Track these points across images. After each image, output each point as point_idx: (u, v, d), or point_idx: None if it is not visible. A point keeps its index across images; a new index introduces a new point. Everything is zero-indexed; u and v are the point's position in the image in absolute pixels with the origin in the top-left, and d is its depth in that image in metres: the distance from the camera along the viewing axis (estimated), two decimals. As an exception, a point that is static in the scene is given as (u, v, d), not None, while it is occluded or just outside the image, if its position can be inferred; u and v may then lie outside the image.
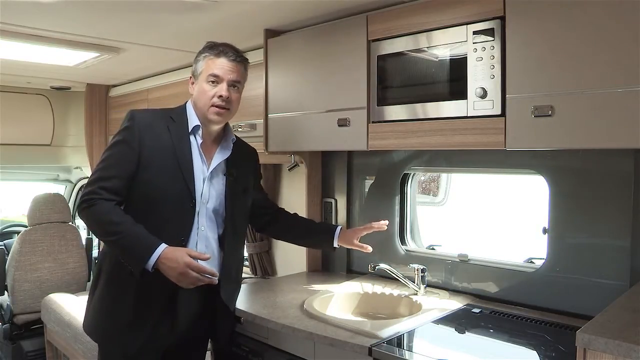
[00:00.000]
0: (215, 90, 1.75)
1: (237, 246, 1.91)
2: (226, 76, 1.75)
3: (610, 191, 1.75)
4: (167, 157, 1.71)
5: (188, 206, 1.72)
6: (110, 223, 1.64)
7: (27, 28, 2.26)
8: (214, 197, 1.79)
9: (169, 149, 1.72)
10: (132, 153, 1.69)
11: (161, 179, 1.70)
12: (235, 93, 1.79)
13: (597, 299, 1.71)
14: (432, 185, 3.63)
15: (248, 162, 1.96)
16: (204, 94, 1.75)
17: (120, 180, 1.68)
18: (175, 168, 1.71)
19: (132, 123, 1.71)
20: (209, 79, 1.75)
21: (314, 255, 2.61)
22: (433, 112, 1.76)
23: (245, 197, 1.91)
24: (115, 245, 1.66)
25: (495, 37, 1.59)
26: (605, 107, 1.38)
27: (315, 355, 1.77)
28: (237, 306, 1.97)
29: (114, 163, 1.70)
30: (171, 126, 1.75)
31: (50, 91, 3.97)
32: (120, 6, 1.98)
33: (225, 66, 1.75)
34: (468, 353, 1.63)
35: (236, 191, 1.85)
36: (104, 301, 1.77)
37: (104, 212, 1.64)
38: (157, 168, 1.70)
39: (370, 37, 1.93)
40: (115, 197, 1.67)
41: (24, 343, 3.44)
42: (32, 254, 3.49)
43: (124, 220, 1.64)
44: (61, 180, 4.57)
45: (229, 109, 1.77)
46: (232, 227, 1.83)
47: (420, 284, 2.11)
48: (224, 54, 1.76)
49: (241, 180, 1.88)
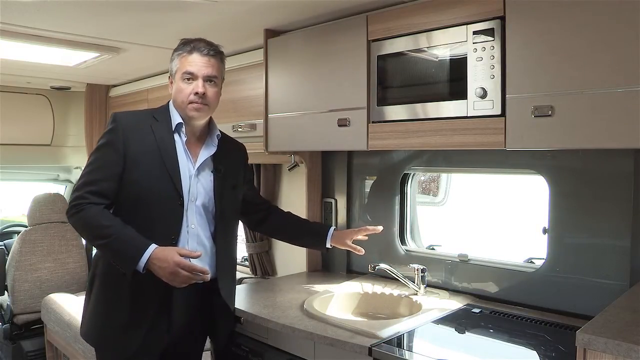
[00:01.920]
0: (191, 88, 1.73)
1: (230, 242, 1.90)
2: (200, 72, 1.73)
3: (610, 191, 1.75)
4: (152, 157, 1.71)
5: (176, 204, 1.72)
6: (99, 227, 1.64)
7: (27, 28, 2.26)
8: (203, 194, 1.78)
9: (154, 148, 1.72)
10: (117, 155, 1.69)
11: (148, 178, 1.70)
12: (212, 87, 1.77)
13: (597, 299, 1.71)
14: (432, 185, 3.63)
15: (236, 158, 1.95)
16: (181, 92, 1.75)
17: (107, 183, 1.68)
18: (161, 167, 1.71)
19: (115, 125, 1.71)
20: (184, 76, 1.74)
21: (314, 255, 2.61)
22: (433, 112, 1.76)
23: (235, 193, 1.90)
24: (106, 248, 1.67)
25: (495, 37, 1.59)
26: (605, 107, 1.38)
27: (315, 355, 1.77)
28: (237, 306, 1.97)
29: (100, 166, 1.70)
30: (155, 126, 1.75)
31: (50, 91, 3.97)
32: (120, 6, 1.99)
33: (198, 62, 1.73)
34: (468, 353, 1.63)
35: (225, 186, 1.84)
36: (99, 305, 1.77)
37: (93, 216, 1.64)
38: (143, 168, 1.70)
39: (370, 37, 1.93)
40: (103, 200, 1.67)
41: (24, 343, 3.44)
42: (32, 254, 3.49)
43: (113, 223, 1.64)
44: (61, 180, 4.57)
45: (207, 104, 1.75)
46: (222, 222, 1.83)
47: (420, 284, 2.11)
48: (197, 50, 1.74)
49: (230, 175, 1.87)
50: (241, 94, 2.57)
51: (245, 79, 2.55)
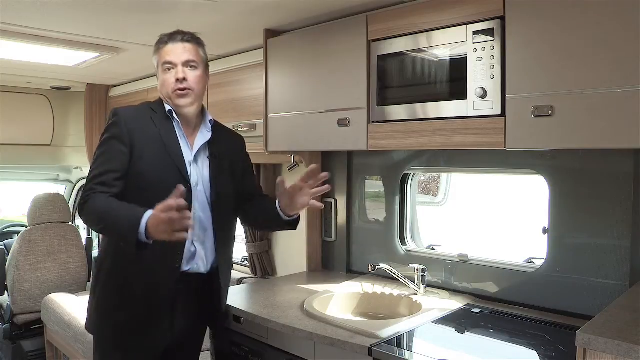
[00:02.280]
0: (172, 76, 1.75)
1: (228, 226, 1.91)
2: (178, 59, 1.75)
3: (610, 191, 1.75)
4: (156, 146, 1.73)
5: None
6: (103, 211, 1.63)
7: (27, 28, 2.26)
8: (201, 180, 1.80)
9: (156, 137, 1.74)
10: (123, 147, 1.69)
11: (154, 168, 1.71)
12: (193, 71, 1.77)
13: (597, 299, 1.70)
14: (432, 185, 3.64)
15: (233, 146, 1.95)
16: (164, 83, 1.77)
17: (114, 173, 1.68)
18: (165, 155, 1.73)
19: (117, 119, 1.72)
20: (164, 67, 1.77)
21: (314, 255, 2.61)
22: (433, 112, 1.76)
23: (232, 179, 1.89)
24: (109, 229, 1.66)
25: (495, 37, 1.59)
26: (605, 107, 1.38)
27: (315, 355, 1.77)
28: (238, 306, 1.98)
29: (106, 159, 1.70)
30: (154, 117, 1.77)
31: (50, 91, 3.97)
32: (120, 6, 1.99)
33: (175, 50, 1.76)
34: (468, 353, 1.63)
35: (221, 171, 1.84)
36: (104, 300, 1.78)
37: (97, 203, 1.64)
38: (149, 158, 1.71)
39: (370, 37, 1.93)
40: (109, 189, 1.67)
41: (24, 343, 3.45)
42: (32, 254, 3.49)
43: (115, 204, 1.63)
44: (61, 180, 4.57)
45: (190, 89, 1.76)
46: (219, 207, 1.82)
47: (420, 284, 2.10)
48: (172, 40, 1.77)
49: (225, 161, 1.87)
50: (241, 94, 2.57)
51: (245, 79, 2.55)
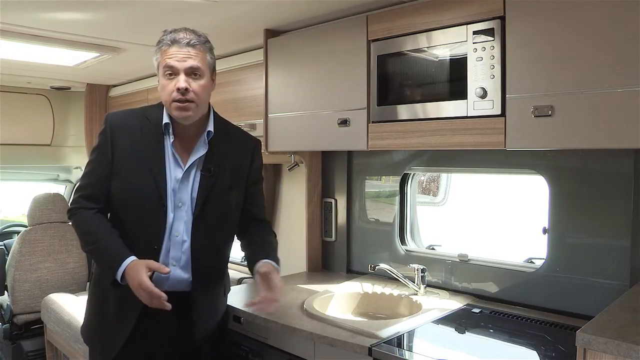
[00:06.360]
0: (173, 84, 1.58)
1: (215, 250, 1.74)
2: (181, 65, 1.56)
3: (610, 191, 1.74)
4: (138, 161, 1.62)
5: (160, 212, 1.61)
6: (87, 233, 1.65)
7: (27, 28, 2.26)
8: (188, 199, 1.65)
9: (141, 152, 1.62)
10: (105, 159, 1.64)
11: (132, 184, 1.62)
12: (197, 81, 1.59)
13: (597, 299, 1.70)
14: (432, 185, 3.63)
15: (238, 155, 1.75)
16: (164, 89, 1.61)
17: (96, 188, 1.65)
18: (147, 172, 1.61)
19: (105, 126, 1.66)
20: (165, 71, 1.59)
21: (314, 255, 2.61)
22: (433, 112, 1.76)
23: (230, 195, 1.71)
24: (93, 255, 1.71)
25: (495, 37, 1.59)
26: (605, 107, 1.38)
27: (315, 355, 1.77)
28: (238, 306, 1.98)
29: (90, 170, 1.69)
30: (145, 128, 1.65)
31: (50, 91, 3.97)
32: (120, 6, 1.99)
33: (178, 54, 1.56)
34: (468, 353, 1.63)
35: (214, 188, 1.66)
36: (90, 304, 1.79)
37: (83, 222, 1.65)
38: (129, 173, 1.62)
39: (370, 37, 1.93)
40: (94, 204, 1.65)
41: (24, 343, 3.44)
42: (32, 254, 3.48)
43: (101, 230, 1.62)
44: (61, 180, 4.57)
45: (192, 101, 1.58)
46: (204, 227, 1.66)
47: (420, 284, 2.10)
48: (176, 42, 1.57)
49: (223, 175, 1.68)
50: (241, 94, 2.57)
51: (245, 79, 2.56)
